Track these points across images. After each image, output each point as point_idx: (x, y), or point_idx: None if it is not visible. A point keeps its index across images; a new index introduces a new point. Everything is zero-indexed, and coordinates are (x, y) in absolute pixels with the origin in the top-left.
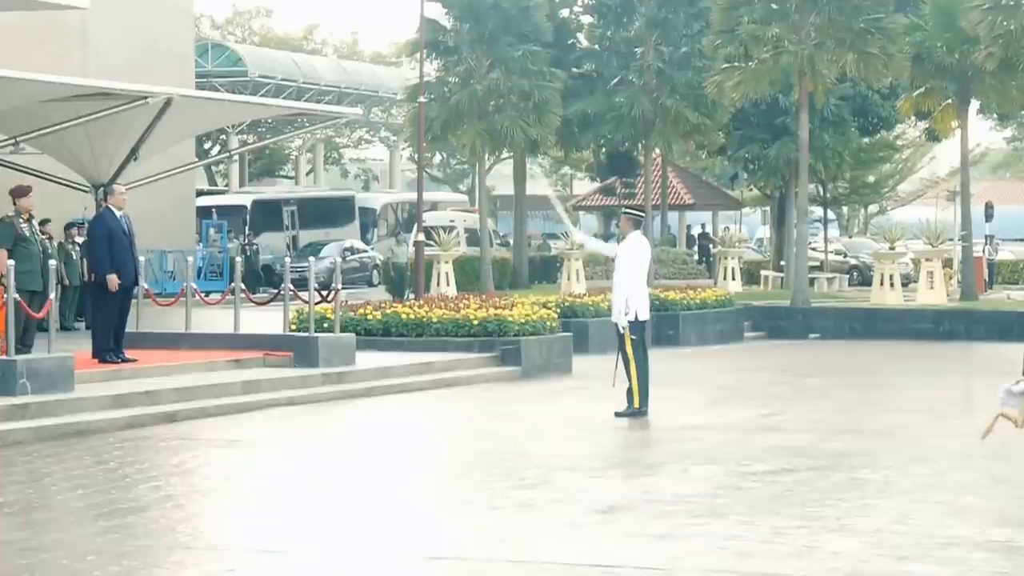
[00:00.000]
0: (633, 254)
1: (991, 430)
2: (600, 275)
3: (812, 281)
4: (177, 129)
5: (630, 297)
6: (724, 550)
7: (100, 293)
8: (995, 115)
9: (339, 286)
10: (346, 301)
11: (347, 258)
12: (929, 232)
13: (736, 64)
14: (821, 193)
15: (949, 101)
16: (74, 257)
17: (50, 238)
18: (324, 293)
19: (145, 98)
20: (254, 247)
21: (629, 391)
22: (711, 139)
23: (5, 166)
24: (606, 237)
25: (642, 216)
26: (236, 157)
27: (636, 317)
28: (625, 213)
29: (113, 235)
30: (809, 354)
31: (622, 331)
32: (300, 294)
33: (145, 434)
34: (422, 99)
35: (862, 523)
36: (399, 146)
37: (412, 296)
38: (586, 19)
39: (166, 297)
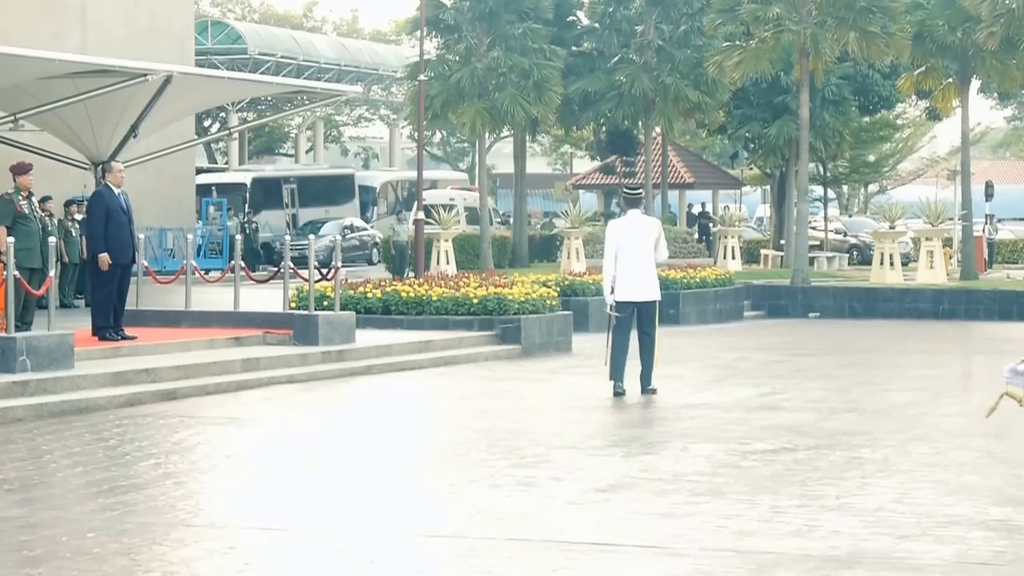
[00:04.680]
0: (625, 233)
1: (995, 409)
2: (600, 254)
3: (812, 260)
4: (177, 107)
5: (616, 276)
6: (724, 528)
7: (99, 271)
8: (996, 94)
9: (339, 264)
10: (346, 279)
11: (347, 236)
12: (929, 211)
13: (737, 43)
14: (821, 172)
15: (950, 80)
16: (73, 234)
17: (50, 215)
18: (324, 271)
19: (145, 75)
20: (254, 225)
21: (650, 370)
22: (711, 118)
23: (4, 143)
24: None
25: (636, 195)
26: (236, 135)
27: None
28: (623, 194)
29: (111, 212)
30: (809, 333)
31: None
32: (300, 272)
33: (145, 412)
34: (422, 77)
35: (862, 502)
36: (399, 124)
37: (412, 274)
38: None
39: (166, 275)
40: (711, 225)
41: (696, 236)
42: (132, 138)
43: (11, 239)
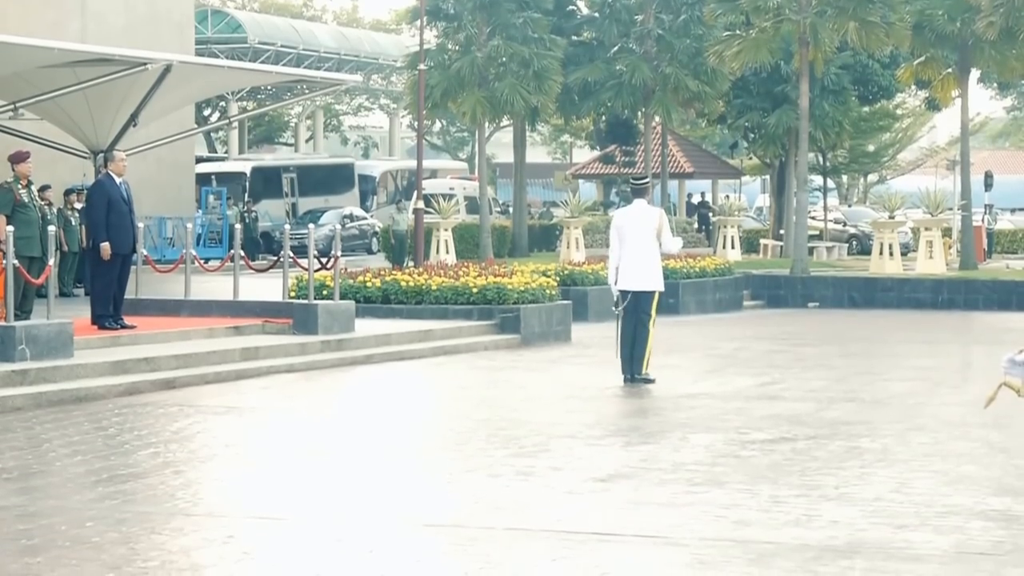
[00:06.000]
0: (628, 223)
1: (993, 399)
2: (600, 243)
3: (811, 250)
4: (176, 96)
5: (619, 265)
6: (723, 518)
7: (99, 259)
8: (995, 84)
9: (338, 253)
10: (345, 268)
11: (346, 225)
12: (928, 201)
13: (737, 32)
14: (821, 162)
15: (949, 70)
16: (73, 223)
17: (49, 204)
18: (323, 260)
19: (145, 64)
20: (253, 214)
21: (641, 359)
22: (711, 107)
23: (4, 132)
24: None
25: (641, 185)
26: (235, 124)
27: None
28: (630, 183)
29: (112, 202)
30: (808, 323)
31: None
32: (299, 261)
33: (144, 401)
34: (422, 66)
35: (860, 492)
36: (399, 113)
37: (411, 264)
38: None
39: (165, 264)
40: (710, 215)
41: (695, 226)
42: (132, 127)
43: (10, 228)
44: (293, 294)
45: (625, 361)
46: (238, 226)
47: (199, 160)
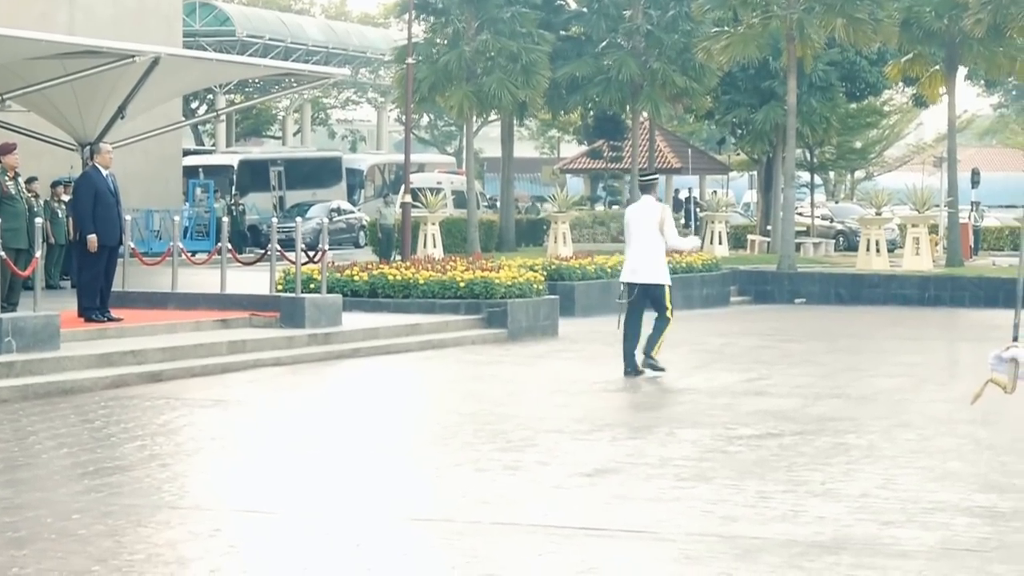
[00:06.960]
0: (635, 217)
1: (980, 395)
2: (586, 238)
3: (798, 246)
4: (164, 88)
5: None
6: (710, 514)
7: (86, 252)
8: (982, 81)
9: (326, 247)
10: (332, 262)
11: (334, 219)
12: (915, 198)
13: (724, 28)
14: (808, 158)
15: (937, 67)
16: (60, 215)
17: (36, 196)
18: (311, 254)
19: (132, 57)
20: (241, 207)
21: (655, 342)
22: (699, 103)
23: None
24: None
25: (647, 181)
26: (223, 117)
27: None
28: (639, 180)
29: (99, 194)
30: (795, 319)
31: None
32: (287, 254)
33: (131, 393)
34: (410, 60)
35: (847, 488)
36: (387, 107)
37: (399, 257)
38: None
39: (152, 256)
40: (698, 210)
41: (683, 221)
42: (119, 119)
43: None
44: (280, 287)
45: (627, 356)
46: (225, 219)
47: (186, 153)
